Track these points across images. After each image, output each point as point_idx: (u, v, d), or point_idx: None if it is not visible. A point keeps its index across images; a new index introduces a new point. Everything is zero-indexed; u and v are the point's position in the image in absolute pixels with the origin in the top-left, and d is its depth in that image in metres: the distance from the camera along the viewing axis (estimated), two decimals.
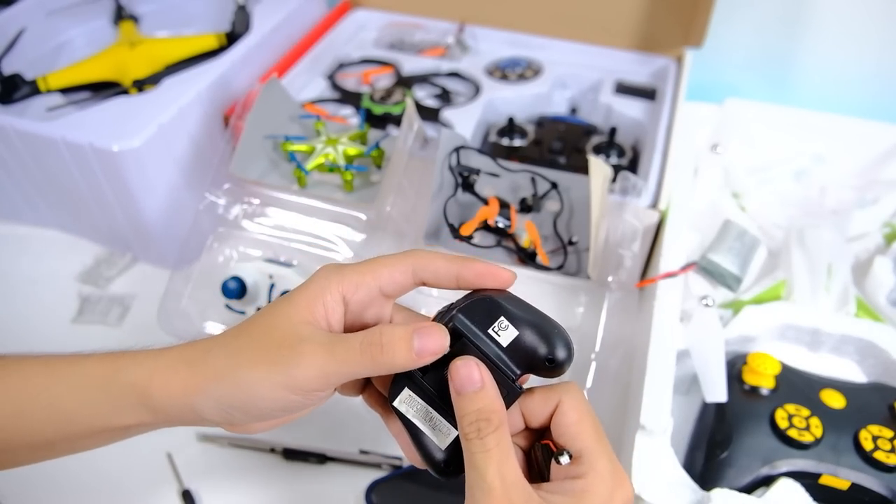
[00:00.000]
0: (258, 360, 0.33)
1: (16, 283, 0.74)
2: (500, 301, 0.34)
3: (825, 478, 0.48)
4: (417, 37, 0.90)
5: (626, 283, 0.58)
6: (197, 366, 0.34)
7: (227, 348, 0.35)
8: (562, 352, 0.34)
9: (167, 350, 0.36)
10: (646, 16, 0.81)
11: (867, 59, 0.83)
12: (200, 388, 0.34)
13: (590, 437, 0.33)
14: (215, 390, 0.34)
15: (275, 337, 0.34)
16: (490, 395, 0.32)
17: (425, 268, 0.35)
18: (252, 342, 0.34)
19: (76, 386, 0.35)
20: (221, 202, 0.65)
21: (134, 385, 0.35)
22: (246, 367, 0.34)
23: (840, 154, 0.74)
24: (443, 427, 0.35)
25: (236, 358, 0.34)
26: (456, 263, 0.35)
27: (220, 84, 0.72)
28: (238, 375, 0.34)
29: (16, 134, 0.65)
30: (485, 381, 0.33)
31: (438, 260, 0.35)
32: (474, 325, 0.34)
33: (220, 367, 0.34)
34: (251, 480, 0.58)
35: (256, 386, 0.33)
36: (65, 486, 0.57)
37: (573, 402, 0.34)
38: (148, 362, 0.35)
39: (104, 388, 0.35)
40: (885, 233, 0.67)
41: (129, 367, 0.35)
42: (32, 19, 0.79)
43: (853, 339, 0.58)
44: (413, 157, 0.64)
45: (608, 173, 0.61)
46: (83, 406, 0.35)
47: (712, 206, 0.68)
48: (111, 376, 0.35)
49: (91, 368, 0.36)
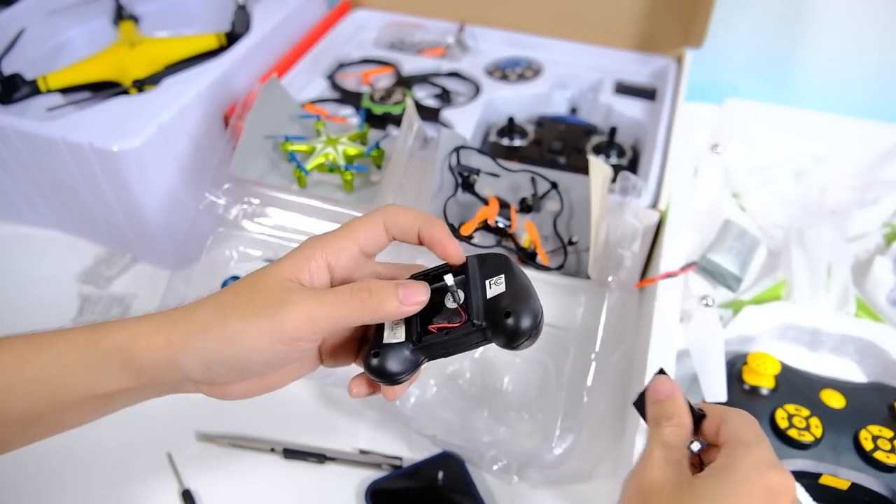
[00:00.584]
0: (245, 312, 0.35)
1: (16, 283, 0.74)
2: (511, 263, 0.38)
3: (825, 478, 0.48)
4: (417, 37, 0.90)
5: (626, 283, 0.58)
6: (180, 323, 0.35)
7: (211, 305, 0.36)
8: (524, 321, 0.35)
9: (151, 314, 0.37)
10: (646, 16, 0.81)
11: (867, 59, 0.83)
12: (184, 343, 0.35)
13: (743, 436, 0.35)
14: (200, 343, 0.35)
15: (262, 293, 0.35)
16: (676, 402, 0.38)
17: (394, 223, 0.38)
18: (239, 298, 0.36)
19: (59, 354, 0.36)
20: (221, 202, 0.65)
21: (117, 347, 0.35)
22: (233, 319, 0.35)
23: (840, 154, 0.74)
24: (397, 329, 0.38)
25: (222, 311, 0.35)
26: (419, 220, 0.38)
27: (220, 84, 0.72)
28: (224, 327, 0.35)
29: (16, 134, 0.65)
30: (674, 392, 0.39)
31: (404, 216, 0.38)
32: (479, 270, 0.38)
33: (206, 322, 0.35)
34: (251, 480, 0.58)
35: (243, 336, 0.34)
36: (65, 485, 0.57)
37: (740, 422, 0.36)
38: (131, 325, 0.36)
39: (87, 353, 0.36)
40: (885, 233, 0.67)
41: (111, 331, 0.36)
42: (32, 19, 0.79)
43: (853, 339, 0.58)
44: (413, 157, 0.64)
45: (608, 173, 0.61)
46: (67, 373, 0.35)
47: (712, 206, 0.68)
48: (94, 341, 0.36)
49: (74, 336, 0.36)
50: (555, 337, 0.60)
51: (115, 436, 0.59)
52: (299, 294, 0.35)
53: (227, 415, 0.61)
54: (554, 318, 0.60)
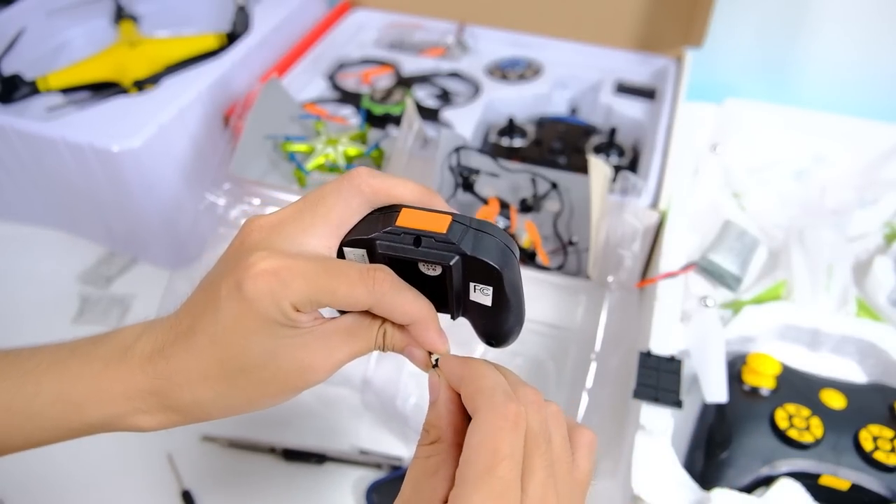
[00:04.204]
0: (277, 397, 0.33)
1: (16, 283, 0.74)
2: (504, 274, 0.31)
3: (825, 478, 0.48)
4: (417, 37, 0.90)
5: (626, 283, 0.58)
6: (173, 406, 0.33)
7: (217, 405, 0.33)
8: (509, 338, 0.34)
9: (127, 377, 0.33)
10: (646, 16, 0.81)
11: (867, 59, 0.83)
12: (186, 420, 0.34)
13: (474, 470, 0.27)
14: (205, 416, 0.34)
15: (273, 387, 0.33)
16: (438, 411, 0.31)
17: (382, 314, 0.32)
18: (249, 398, 0.33)
19: (41, 427, 0.34)
20: (221, 202, 0.65)
21: (102, 425, 0.34)
22: (251, 408, 0.33)
23: (840, 154, 0.74)
24: None
25: (248, 405, 0.33)
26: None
27: (220, 84, 0.72)
28: (246, 410, 0.33)
29: (16, 134, 0.65)
30: (439, 398, 0.32)
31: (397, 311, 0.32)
32: (463, 277, 0.32)
33: (220, 414, 0.33)
34: (251, 480, 0.58)
35: (270, 405, 0.33)
36: (65, 486, 0.57)
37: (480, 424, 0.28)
38: (112, 405, 0.33)
39: (68, 426, 0.34)
40: (885, 233, 0.67)
41: (92, 409, 0.33)
42: (32, 19, 0.79)
43: (853, 339, 0.58)
44: (413, 157, 0.64)
45: (608, 173, 0.61)
46: (50, 434, 0.34)
47: (712, 206, 0.68)
48: (73, 421, 0.33)
49: (49, 412, 0.33)
50: (555, 337, 0.60)
51: (116, 436, 0.59)
52: (317, 360, 0.32)
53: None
54: (554, 318, 0.60)
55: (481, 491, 0.26)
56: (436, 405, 0.32)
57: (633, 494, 0.45)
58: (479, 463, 0.27)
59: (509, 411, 0.28)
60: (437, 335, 0.33)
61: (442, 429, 0.31)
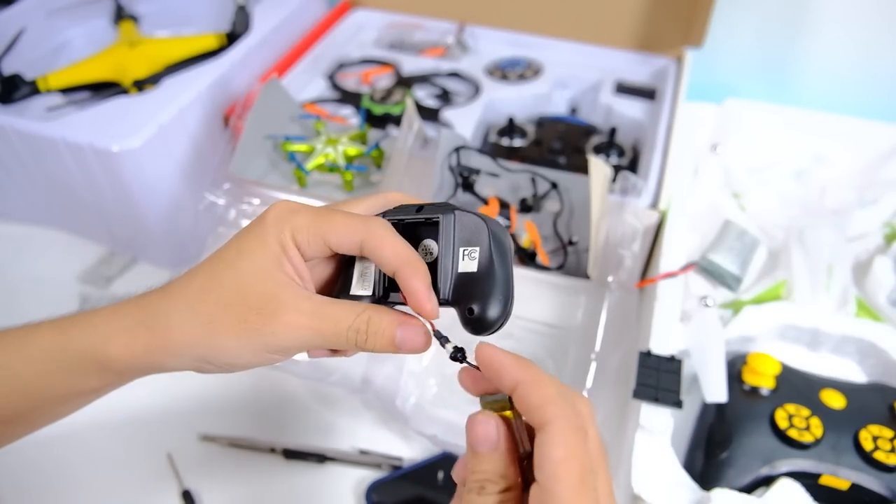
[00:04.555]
0: (237, 330, 0.33)
1: (16, 282, 0.74)
2: (491, 234, 0.33)
3: (825, 478, 0.48)
4: (417, 37, 0.90)
5: (626, 283, 0.58)
6: (159, 329, 0.33)
7: (194, 312, 0.33)
8: (489, 316, 0.32)
9: (119, 310, 0.35)
10: (646, 16, 0.81)
11: (867, 59, 0.83)
12: (168, 349, 0.33)
13: (568, 486, 0.27)
14: (187, 352, 0.34)
15: (252, 302, 0.33)
16: (504, 459, 0.30)
17: (373, 250, 0.33)
18: (227, 310, 0.33)
19: (31, 359, 0.35)
20: (221, 202, 0.65)
21: (90, 351, 0.34)
22: (223, 335, 0.33)
23: (840, 154, 0.74)
24: (367, 279, 0.35)
25: (209, 325, 0.33)
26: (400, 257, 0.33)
27: (220, 84, 0.72)
28: (212, 342, 0.33)
29: (16, 134, 0.65)
30: (500, 444, 0.30)
31: (387, 250, 0.33)
32: (455, 233, 0.34)
33: (191, 333, 0.33)
34: (251, 480, 0.58)
35: (236, 351, 0.33)
36: (65, 486, 0.57)
37: (560, 437, 0.27)
38: (100, 325, 0.34)
39: (59, 357, 0.34)
40: (885, 233, 0.67)
41: (81, 333, 0.34)
42: (32, 19, 0.79)
43: (853, 339, 0.58)
44: (413, 157, 0.64)
45: (608, 173, 0.61)
46: (42, 378, 0.35)
47: (712, 206, 0.68)
48: (64, 345, 0.34)
49: (43, 339, 0.35)
50: (555, 337, 0.60)
51: (116, 436, 0.60)
52: (294, 315, 0.33)
53: (228, 415, 0.61)
54: (554, 318, 0.60)
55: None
56: (496, 454, 0.30)
57: (633, 494, 0.45)
58: (570, 479, 0.27)
59: (581, 422, 0.28)
60: (426, 287, 0.32)
61: (510, 478, 0.29)
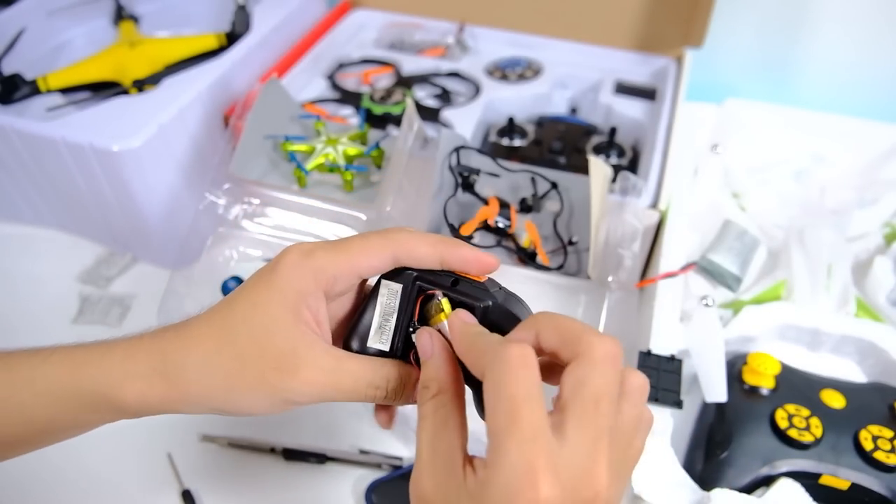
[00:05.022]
0: (254, 384, 0.32)
1: (16, 282, 0.74)
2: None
3: (825, 478, 0.48)
4: (417, 37, 0.90)
5: (626, 283, 0.58)
6: (176, 380, 0.33)
7: (211, 366, 0.33)
8: None
9: (134, 353, 0.34)
10: (646, 16, 0.81)
11: (867, 59, 0.83)
12: (183, 399, 0.33)
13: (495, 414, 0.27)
14: (205, 402, 0.33)
15: (268, 354, 0.32)
16: (435, 364, 0.32)
17: (408, 254, 0.34)
18: (244, 364, 0.32)
19: (41, 392, 0.34)
20: (221, 202, 0.65)
21: (102, 394, 0.33)
22: (241, 391, 0.32)
23: (840, 154, 0.74)
24: (385, 333, 0.35)
25: (227, 381, 0.32)
26: (439, 247, 0.34)
27: (220, 84, 0.72)
28: (232, 396, 0.33)
29: (16, 134, 0.65)
30: (434, 353, 0.32)
31: (422, 246, 0.34)
32: (487, 321, 0.34)
33: (209, 387, 0.33)
34: (251, 480, 0.58)
35: (253, 404, 0.33)
36: (64, 486, 0.57)
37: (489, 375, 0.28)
38: (115, 370, 0.33)
39: (70, 396, 0.33)
40: (885, 233, 0.67)
41: (95, 373, 0.33)
42: (32, 19, 0.79)
43: (853, 339, 0.58)
44: (413, 157, 0.64)
45: (608, 173, 0.61)
46: (51, 411, 0.34)
47: (712, 206, 0.68)
48: (76, 384, 0.33)
49: (55, 374, 0.34)
50: None
51: (116, 436, 0.59)
52: (312, 371, 0.32)
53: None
54: None
55: (513, 437, 0.26)
56: (432, 360, 0.32)
57: (633, 494, 0.45)
58: (499, 410, 0.27)
59: (511, 354, 0.27)
60: (474, 249, 0.34)
61: (442, 380, 0.31)
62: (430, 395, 0.31)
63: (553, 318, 0.30)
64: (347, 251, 0.34)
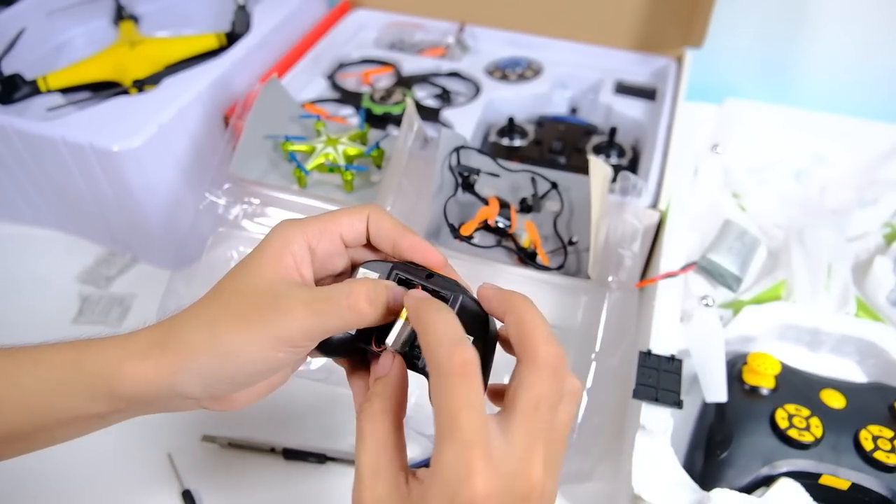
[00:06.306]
0: (238, 324, 0.33)
1: (16, 283, 0.74)
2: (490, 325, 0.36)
3: (825, 478, 0.48)
4: (417, 37, 0.90)
5: (626, 283, 0.58)
6: (169, 346, 0.34)
7: (200, 319, 0.34)
8: None
9: (134, 334, 0.35)
10: (646, 16, 0.81)
11: (867, 59, 0.83)
12: (178, 366, 0.34)
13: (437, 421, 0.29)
14: (196, 364, 0.34)
15: (250, 298, 0.34)
16: (385, 384, 0.34)
17: (377, 222, 0.38)
18: (227, 308, 0.34)
19: (42, 377, 0.34)
20: (221, 202, 0.65)
21: (100, 374, 0.34)
22: (225, 333, 0.33)
23: (840, 154, 0.74)
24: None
25: (214, 327, 0.34)
26: (398, 228, 0.37)
27: (220, 84, 0.72)
28: (218, 343, 0.33)
29: (16, 134, 0.65)
30: (390, 374, 0.34)
31: (388, 221, 0.38)
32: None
33: (198, 341, 0.34)
34: (251, 480, 0.58)
35: (240, 350, 0.33)
36: (64, 486, 0.57)
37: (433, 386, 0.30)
38: (113, 349, 0.34)
39: (71, 378, 0.34)
40: (885, 233, 0.67)
41: (93, 355, 0.34)
42: (32, 19, 0.79)
43: (853, 339, 0.58)
44: (413, 157, 0.64)
45: (608, 173, 0.61)
46: (51, 398, 0.34)
47: (712, 206, 0.68)
48: (76, 366, 0.34)
49: (56, 358, 0.35)
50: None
51: (116, 436, 0.59)
52: (291, 301, 0.33)
53: (228, 415, 0.61)
54: (554, 318, 0.60)
55: (453, 442, 0.27)
56: (384, 380, 0.34)
57: (633, 494, 0.45)
58: (440, 417, 0.28)
59: (454, 363, 0.29)
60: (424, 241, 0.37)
61: (386, 402, 0.33)
62: (372, 411, 0.33)
63: (521, 311, 0.32)
64: (328, 213, 0.38)
